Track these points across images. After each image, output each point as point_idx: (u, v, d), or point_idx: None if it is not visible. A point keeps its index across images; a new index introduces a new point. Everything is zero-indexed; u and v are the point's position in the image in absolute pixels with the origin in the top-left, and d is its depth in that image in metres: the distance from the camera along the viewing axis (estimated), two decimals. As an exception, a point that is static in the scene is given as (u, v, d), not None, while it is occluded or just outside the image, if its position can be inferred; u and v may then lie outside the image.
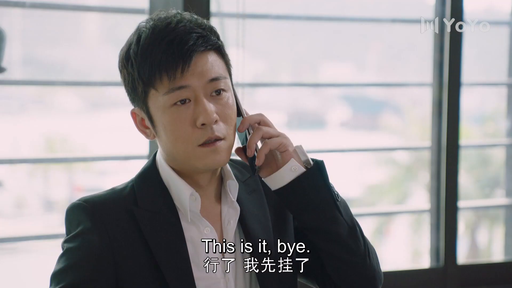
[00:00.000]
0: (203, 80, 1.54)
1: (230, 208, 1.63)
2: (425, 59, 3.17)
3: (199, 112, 1.53)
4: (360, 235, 1.61)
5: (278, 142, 1.56)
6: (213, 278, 1.60)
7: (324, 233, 1.57)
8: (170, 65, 1.52)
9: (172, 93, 1.53)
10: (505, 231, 3.57)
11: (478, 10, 3.85)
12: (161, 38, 1.52)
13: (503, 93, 3.56)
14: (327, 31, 3.66)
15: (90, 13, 3.13)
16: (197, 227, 1.60)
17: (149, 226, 1.56)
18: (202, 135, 1.54)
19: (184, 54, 1.52)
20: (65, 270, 1.52)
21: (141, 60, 1.53)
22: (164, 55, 1.51)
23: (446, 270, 3.10)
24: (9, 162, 2.79)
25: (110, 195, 1.60)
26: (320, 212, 1.56)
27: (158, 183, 1.61)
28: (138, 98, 1.57)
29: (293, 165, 1.56)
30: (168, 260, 1.55)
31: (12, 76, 2.78)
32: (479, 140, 5.13)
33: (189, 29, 1.53)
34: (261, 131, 1.56)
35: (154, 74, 1.52)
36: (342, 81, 4.60)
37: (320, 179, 1.55)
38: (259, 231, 1.62)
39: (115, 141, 2.30)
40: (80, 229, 1.56)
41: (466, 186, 6.30)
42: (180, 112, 1.53)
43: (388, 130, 8.53)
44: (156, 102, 1.55)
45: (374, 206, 7.69)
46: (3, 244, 2.78)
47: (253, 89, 3.60)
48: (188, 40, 1.52)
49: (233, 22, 2.82)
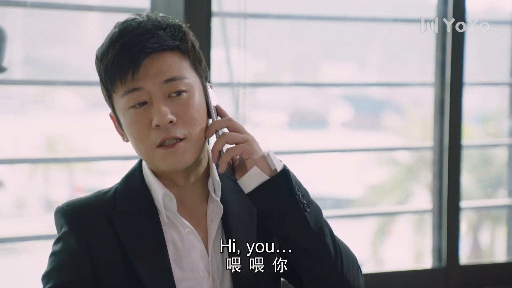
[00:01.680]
0: (157, 82, 1.53)
1: (215, 207, 1.61)
2: (426, 59, 3.16)
3: (153, 113, 1.52)
4: (330, 244, 1.56)
5: (241, 149, 1.53)
6: (197, 278, 1.58)
7: (288, 241, 1.55)
8: (121, 68, 1.51)
9: (127, 95, 1.53)
10: (507, 231, 3.56)
11: (480, 10, 3.85)
12: (116, 41, 1.53)
13: (505, 93, 3.55)
14: (328, 30, 3.66)
15: (91, 13, 3.12)
16: (176, 228, 1.59)
17: (126, 229, 1.56)
18: (158, 136, 1.52)
19: (133, 56, 1.51)
20: (51, 271, 1.55)
21: (100, 64, 1.55)
22: (116, 58, 1.52)
23: (448, 271, 3.09)
24: (9, 162, 2.79)
25: (93, 198, 1.61)
26: (284, 220, 1.54)
27: (141, 185, 1.61)
28: (107, 101, 1.59)
29: (256, 172, 1.54)
30: (146, 262, 1.54)
31: (13, 75, 2.78)
32: (481, 140, 5.12)
33: (145, 30, 1.53)
34: (225, 137, 1.54)
35: (109, 77, 1.53)
36: (343, 81, 4.59)
37: (284, 187, 1.53)
38: (242, 231, 1.61)
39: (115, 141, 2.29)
40: (61, 233, 1.57)
41: (468, 186, 6.29)
42: (137, 114, 1.53)
43: (390, 130, 8.52)
44: (118, 104, 1.56)
45: (375, 206, 7.69)
46: (3, 244, 2.77)
47: (254, 89, 3.59)
48: (139, 42, 1.51)
49: (234, 22, 2.81)
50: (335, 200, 8.04)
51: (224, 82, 2.87)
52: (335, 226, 1.67)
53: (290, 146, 3.22)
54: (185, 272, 1.58)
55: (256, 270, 1.59)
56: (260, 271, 1.59)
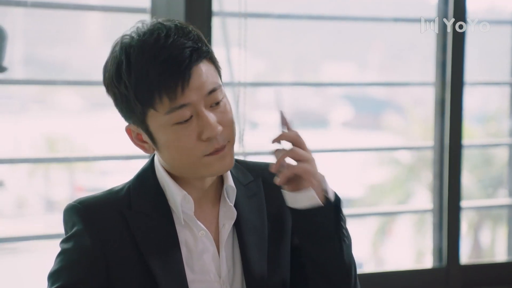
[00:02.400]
0: (201, 94, 1.52)
1: (227, 211, 1.62)
2: (427, 58, 3.16)
3: (203, 126, 1.52)
4: (352, 277, 1.59)
5: (303, 169, 1.53)
6: (208, 281, 1.58)
7: (318, 266, 1.56)
8: (168, 85, 1.49)
9: (173, 112, 1.51)
10: (508, 231, 3.56)
11: (481, 9, 3.85)
12: (153, 58, 1.49)
13: (506, 93, 3.55)
14: (329, 30, 3.66)
15: (91, 13, 3.12)
16: (191, 230, 1.59)
17: (141, 229, 1.55)
18: (208, 147, 1.53)
19: (182, 72, 1.49)
20: (60, 270, 1.52)
21: (137, 82, 1.50)
22: (162, 77, 1.49)
23: (448, 270, 3.09)
24: (9, 162, 2.78)
25: (106, 197, 1.59)
26: (321, 245, 1.55)
27: (154, 185, 1.60)
28: (135, 118, 1.55)
29: (310, 195, 1.54)
30: (160, 263, 1.54)
31: (13, 75, 2.78)
32: (482, 139, 5.13)
33: (180, 44, 1.51)
34: (290, 153, 1.54)
35: (153, 96, 1.50)
36: (344, 80, 4.59)
37: (333, 217, 1.54)
38: (253, 236, 1.61)
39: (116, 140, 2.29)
40: (73, 230, 1.55)
41: (469, 186, 6.29)
42: (183, 129, 1.52)
43: (390, 130, 8.51)
44: (157, 121, 1.53)
45: (376, 206, 7.67)
46: (4, 244, 2.77)
47: (255, 88, 3.59)
48: (183, 57, 1.50)
49: (235, 22, 2.81)
50: (335, 200, 8.03)
51: (224, 81, 2.87)
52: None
53: (291, 145, 3.21)
54: (196, 274, 1.58)
55: (266, 275, 1.60)
56: (270, 277, 1.60)
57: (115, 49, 1.54)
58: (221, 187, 1.63)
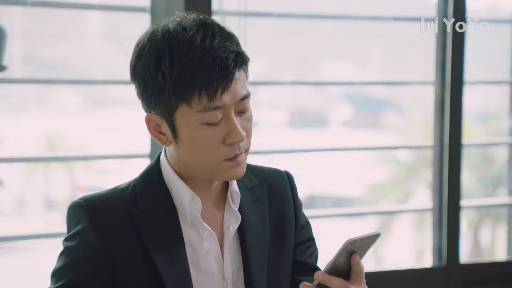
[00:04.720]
0: (235, 100, 1.53)
1: (231, 215, 1.63)
2: (427, 58, 3.16)
3: (229, 130, 1.53)
4: None
5: None
6: (212, 282, 1.59)
7: None
8: (211, 86, 1.50)
9: (206, 112, 1.51)
10: (508, 230, 3.56)
11: (481, 9, 3.84)
12: (200, 56, 1.49)
13: (506, 92, 3.55)
14: (329, 29, 3.66)
15: (91, 12, 3.12)
16: (196, 230, 1.59)
17: (147, 227, 1.55)
18: (230, 152, 1.54)
19: (226, 75, 1.51)
20: (64, 268, 1.52)
21: (179, 76, 1.50)
22: (206, 75, 1.49)
23: (448, 269, 3.09)
24: (9, 161, 2.78)
25: (111, 195, 1.59)
26: None
27: (160, 184, 1.60)
28: (163, 109, 1.54)
29: None
30: (166, 262, 1.54)
31: (13, 74, 2.77)
32: (481, 138, 5.13)
33: (226, 47, 1.51)
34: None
35: (193, 92, 1.50)
36: (344, 79, 4.58)
37: None
38: (256, 241, 1.62)
39: (116, 139, 2.29)
40: (79, 228, 1.54)
41: (468, 185, 6.29)
42: (211, 130, 1.53)
43: (390, 129, 8.52)
44: (187, 117, 1.52)
45: (376, 205, 7.68)
46: (4, 243, 2.77)
47: (255, 87, 3.59)
48: (229, 60, 1.51)
49: (234, 21, 2.81)
50: (335, 199, 8.05)
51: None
52: (335, 225, 1.67)
53: (291, 145, 3.22)
54: (201, 275, 1.58)
55: (266, 282, 1.60)
56: (271, 281, 1.61)
57: (155, 38, 1.52)
58: (225, 189, 1.64)
